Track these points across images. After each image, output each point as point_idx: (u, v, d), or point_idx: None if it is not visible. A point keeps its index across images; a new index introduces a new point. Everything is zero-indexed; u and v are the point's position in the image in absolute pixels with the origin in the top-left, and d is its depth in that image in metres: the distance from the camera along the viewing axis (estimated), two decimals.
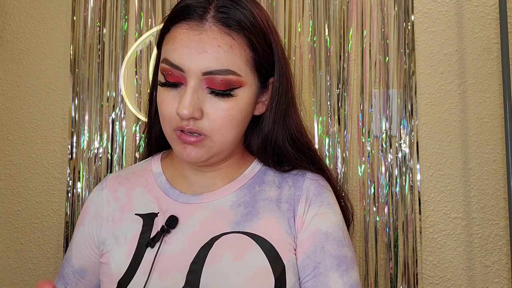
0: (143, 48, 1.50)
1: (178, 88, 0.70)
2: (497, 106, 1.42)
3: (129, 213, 0.76)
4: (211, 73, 0.67)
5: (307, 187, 0.77)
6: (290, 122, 0.78)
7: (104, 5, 1.52)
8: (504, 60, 1.35)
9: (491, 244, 1.39)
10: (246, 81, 0.70)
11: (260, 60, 0.72)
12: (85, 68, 1.50)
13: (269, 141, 0.77)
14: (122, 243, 0.74)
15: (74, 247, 0.81)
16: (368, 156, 1.41)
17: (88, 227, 0.79)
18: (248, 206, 0.74)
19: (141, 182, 0.80)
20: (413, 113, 1.41)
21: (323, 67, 1.43)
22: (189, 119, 0.68)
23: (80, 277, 0.80)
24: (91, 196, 0.82)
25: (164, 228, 0.72)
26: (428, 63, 1.44)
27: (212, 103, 0.69)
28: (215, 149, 0.71)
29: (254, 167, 0.80)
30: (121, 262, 0.72)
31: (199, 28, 0.68)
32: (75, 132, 1.49)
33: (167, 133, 0.73)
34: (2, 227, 1.53)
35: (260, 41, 0.71)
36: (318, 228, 0.74)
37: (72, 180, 1.48)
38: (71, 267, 0.80)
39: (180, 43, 0.69)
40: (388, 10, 1.44)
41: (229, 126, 0.70)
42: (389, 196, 1.39)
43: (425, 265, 1.40)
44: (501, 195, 1.40)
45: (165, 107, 0.70)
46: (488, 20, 1.44)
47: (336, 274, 0.72)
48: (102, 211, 0.79)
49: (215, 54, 0.67)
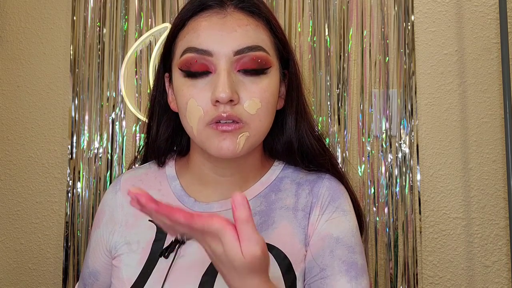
0: (143, 48, 1.50)
1: (206, 77, 0.66)
2: (497, 106, 1.42)
3: (142, 219, 0.73)
4: (243, 51, 0.66)
5: (323, 194, 0.75)
6: (308, 116, 0.76)
7: (104, 5, 1.52)
8: (504, 60, 1.35)
9: (491, 244, 1.39)
10: (273, 62, 0.69)
11: (280, 45, 0.72)
12: (85, 68, 1.50)
13: (294, 135, 0.75)
14: (134, 249, 0.72)
15: (91, 249, 0.80)
16: (368, 156, 1.41)
17: (102, 230, 0.77)
18: (264, 216, 0.72)
19: (155, 185, 0.77)
20: (413, 113, 1.41)
21: (323, 67, 1.43)
22: (226, 104, 0.65)
23: (94, 278, 0.80)
24: (105, 198, 0.80)
25: (179, 239, 0.69)
26: (428, 63, 1.44)
27: (246, 87, 0.66)
28: (252, 139, 0.68)
29: (272, 174, 0.77)
30: (132, 269, 0.71)
31: (222, 13, 0.68)
32: (75, 132, 1.49)
33: (197, 133, 0.68)
34: (2, 227, 1.53)
35: (278, 27, 0.72)
36: (329, 232, 0.72)
37: (72, 180, 1.48)
38: (87, 268, 0.80)
39: (204, 29, 0.67)
40: (388, 10, 1.44)
41: (265, 111, 0.68)
42: (389, 196, 1.39)
43: (425, 265, 1.40)
44: (501, 195, 1.40)
45: (194, 102, 0.66)
46: (488, 20, 1.44)
47: (345, 278, 0.69)
48: (117, 215, 0.77)
49: (244, 32, 0.66)
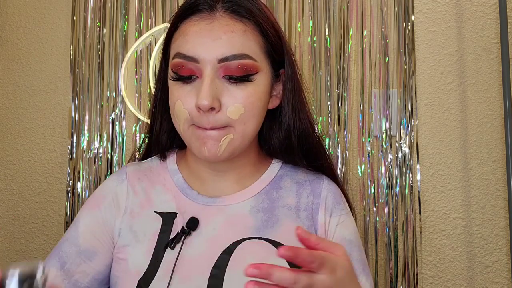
0: (143, 48, 1.50)
1: (193, 82, 0.68)
2: (497, 106, 1.42)
3: (148, 210, 0.74)
4: (227, 59, 0.66)
5: (326, 196, 0.76)
6: (305, 114, 0.77)
7: (104, 5, 1.52)
8: (504, 60, 1.35)
9: (491, 244, 1.39)
10: (262, 67, 0.69)
11: (272, 47, 0.71)
12: (85, 68, 1.50)
13: (293, 131, 0.75)
14: (141, 240, 0.72)
15: (83, 228, 0.75)
16: (368, 156, 1.41)
17: (104, 213, 0.75)
18: (268, 213, 0.73)
19: (159, 180, 0.78)
20: (413, 113, 1.41)
21: (323, 67, 1.43)
22: (209, 112, 0.66)
23: (86, 258, 0.74)
24: (108, 185, 0.78)
25: (185, 230, 0.70)
26: (428, 63, 1.44)
27: (231, 92, 0.67)
28: (236, 142, 0.69)
29: (272, 172, 0.78)
30: (139, 261, 0.70)
31: (210, 18, 0.68)
32: (75, 132, 1.49)
33: (183, 132, 0.70)
34: (2, 227, 1.53)
35: (270, 29, 0.71)
36: (343, 236, 0.74)
37: (72, 180, 1.48)
38: (75, 247, 0.74)
39: (192, 35, 0.68)
40: (388, 10, 1.44)
41: (250, 115, 0.68)
42: (389, 196, 1.39)
43: (425, 265, 1.40)
44: (501, 195, 1.40)
45: (180, 104, 0.68)
46: (488, 20, 1.44)
47: (364, 277, 0.73)
48: (122, 202, 0.76)
49: (229, 40, 0.66)
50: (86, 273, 0.73)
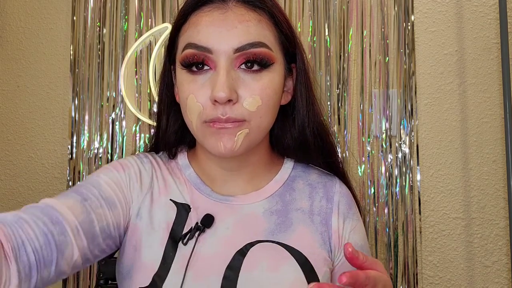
0: (143, 48, 1.50)
1: (206, 74, 0.65)
2: (497, 106, 1.42)
3: (165, 197, 0.72)
4: (243, 48, 0.64)
5: (338, 200, 0.76)
6: (317, 108, 0.75)
7: (104, 5, 1.52)
8: (504, 60, 1.35)
9: (491, 244, 1.39)
10: (277, 58, 0.68)
11: (286, 39, 0.70)
12: (85, 68, 1.50)
13: (307, 126, 0.73)
14: (156, 228, 0.69)
15: (105, 181, 0.69)
16: (368, 156, 1.41)
17: (126, 177, 0.71)
18: (281, 216, 0.72)
19: (174, 172, 0.75)
20: (413, 113, 1.41)
21: (323, 67, 1.43)
22: (225, 104, 0.63)
23: (107, 206, 0.67)
24: (130, 160, 0.74)
25: (200, 226, 0.68)
26: (428, 63, 1.44)
27: (247, 84, 0.65)
28: (251, 136, 0.66)
29: (285, 172, 0.77)
30: (153, 250, 0.68)
31: (224, 8, 0.66)
32: (75, 132, 1.49)
33: (196, 128, 0.67)
34: None
35: (283, 20, 0.70)
36: (355, 242, 0.74)
37: (72, 180, 1.47)
38: (97, 190, 0.67)
39: (205, 24, 0.65)
40: (388, 10, 1.44)
41: (266, 108, 0.66)
42: (389, 196, 1.39)
43: (425, 265, 1.40)
44: (501, 195, 1.40)
45: (193, 98, 0.65)
46: (488, 20, 1.44)
47: None
48: (145, 180, 0.72)
49: (245, 29, 0.64)
50: (104, 217, 0.66)
